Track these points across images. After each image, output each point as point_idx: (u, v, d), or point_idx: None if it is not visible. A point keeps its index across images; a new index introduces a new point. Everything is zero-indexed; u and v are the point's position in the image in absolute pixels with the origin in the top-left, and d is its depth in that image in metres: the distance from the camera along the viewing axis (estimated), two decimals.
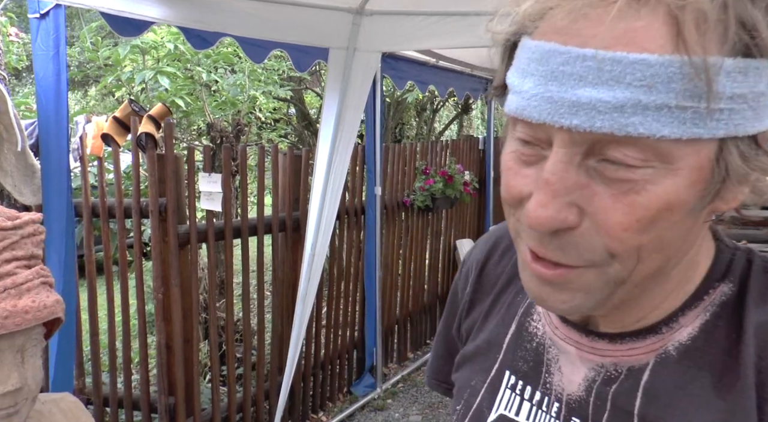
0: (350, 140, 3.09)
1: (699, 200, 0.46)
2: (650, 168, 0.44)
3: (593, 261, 0.48)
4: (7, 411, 0.89)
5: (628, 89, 0.42)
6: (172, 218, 2.70)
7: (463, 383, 0.73)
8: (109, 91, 6.69)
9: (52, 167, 1.90)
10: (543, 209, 0.46)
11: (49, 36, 1.79)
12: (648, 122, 0.43)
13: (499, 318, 0.71)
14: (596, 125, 0.43)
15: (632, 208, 0.45)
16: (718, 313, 0.54)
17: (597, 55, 0.43)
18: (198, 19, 2.25)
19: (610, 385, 0.57)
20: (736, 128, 0.44)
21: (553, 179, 0.46)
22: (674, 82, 0.42)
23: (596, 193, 0.46)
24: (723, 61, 0.42)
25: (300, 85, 6.71)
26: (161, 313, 2.74)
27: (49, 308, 0.93)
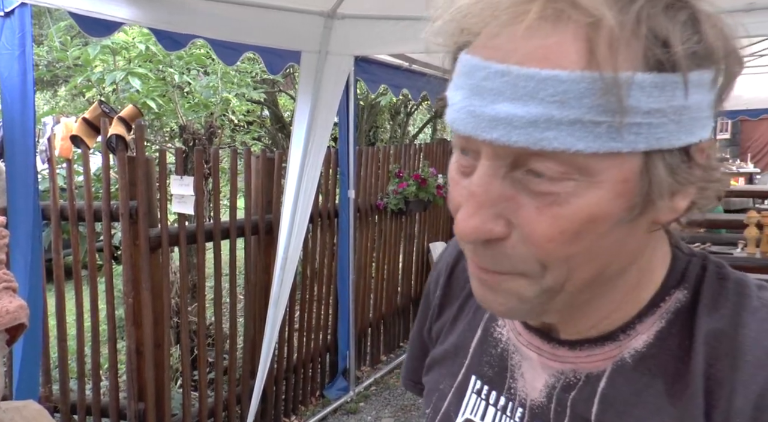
0: (323, 143, 3.09)
1: (626, 212, 0.47)
2: (572, 181, 0.45)
3: (525, 271, 0.49)
4: None
5: (542, 105, 0.43)
6: (143, 221, 2.67)
7: (432, 386, 0.73)
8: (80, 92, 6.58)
9: (17, 169, 1.87)
10: (469, 220, 0.47)
11: (15, 35, 1.76)
12: (562, 137, 0.43)
13: (467, 323, 0.71)
14: (512, 140, 0.44)
15: (556, 220, 0.46)
16: (672, 320, 0.54)
17: (512, 71, 0.44)
18: (168, 21, 2.23)
19: (569, 392, 0.57)
20: (659, 142, 0.44)
21: (478, 191, 0.47)
22: (586, 98, 0.42)
23: (522, 205, 0.47)
24: (635, 76, 0.42)
25: (273, 88, 6.68)
26: (131, 318, 2.71)
27: (11, 314, 0.91)
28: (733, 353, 0.50)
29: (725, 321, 0.52)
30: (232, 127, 6.25)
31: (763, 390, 0.48)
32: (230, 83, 4.92)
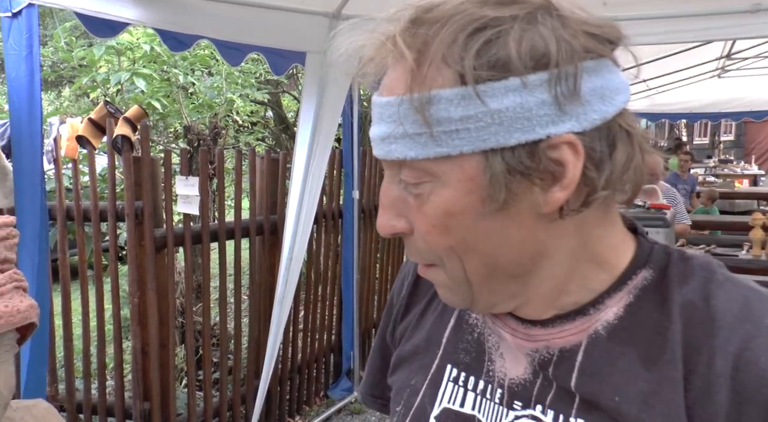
0: (327, 144, 3.09)
1: (482, 205, 0.54)
2: (428, 183, 0.55)
3: (432, 260, 0.59)
4: None
5: (387, 125, 0.55)
6: (149, 221, 2.68)
7: (401, 384, 0.74)
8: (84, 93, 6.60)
9: (24, 169, 1.88)
10: (379, 218, 0.60)
11: (22, 36, 1.77)
12: (399, 148, 0.54)
13: (436, 316, 0.74)
14: (377, 152, 0.57)
15: (425, 216, 0.56)
16: (640, 296, 0.59)
17: (376, 101, 0.56)
18: (173, 21, 2.23)
19: (547, 367, 0.61)
20: (485, 143, 0.51)
21: (382, 196, 0.59)
22: (409, 116, 0.53)
23: (410, 206, 0.57)
24: (436, 93, 0.51)
25: (277, 89, 6.69)
26: (137, 318, 2.72)
27: (22, 313, 0.92)
28: (706, 321, 0.55)
29: (696, 293, 0.57)
30: (236, 128, 6.26)
31: (739, 351, 0.53)
32: (234, 84, 4.93)
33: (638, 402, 0.55)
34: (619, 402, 0.55)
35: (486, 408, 0.64)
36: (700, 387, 0.53)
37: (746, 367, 0.52)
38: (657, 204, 2.56)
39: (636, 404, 0.55)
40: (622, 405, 0.55)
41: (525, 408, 0.61)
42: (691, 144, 14.88)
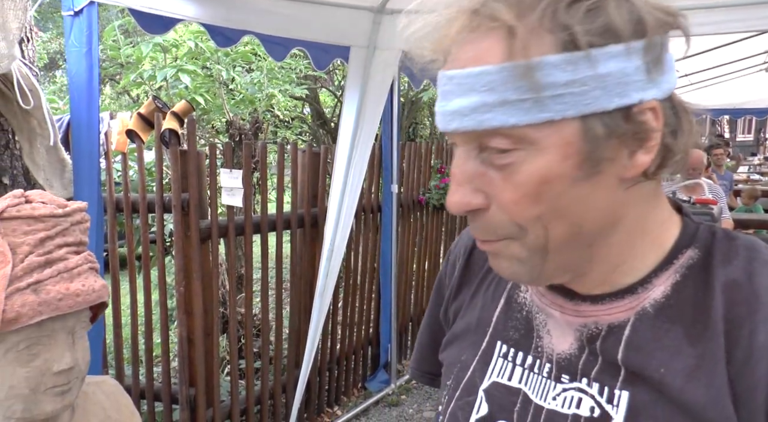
0: (370, 138, 3.12)
1: (576, 170, 0.55)
2: (521, 151, 0.55)
3: (508, 234, 0.59)
4: (62, 388, 0.93)
5: (478, 94, 0.55)
6: (195, 212, 2.75)
7: (452, 360, 0.78)
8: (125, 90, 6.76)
9: (83, 162, 1.95)
10: (452, 195, 0.59)
11: (83, 33, 1.84)
12: (497, 116, 0.54)
13: (488, 296, 0.77)
14: (464, 125, 0.56)
15: (516, 186, 0.56)
16: (686, 274, 0.61)
17: (457, 74, 0.56)
18: (225, 17, 2.29)
19: (594, 342, 0.63)
20: (588, 107, 0.53)
21: (456, 172, 0.59)
22: (509, 83, 0.54)
23: (492, 179, 0.58)
24: (545, 59, 0.53)
25: (315, 84, 6.75)
26: (183, 306, 2.79)
27: (97, 292, 0.97)
28: (749, 298, 0.57)
29: (739, 272, 0.59)
30: (275, 123, 6.34)
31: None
32: (275, 79, 5.00)
33: (683, 375, 0.57)
34: (664, 373, 0.58)
35: (533, 382, 0.67)
36: (741, 359, 0.55)
37: None
38: (703, 199, 2.53)
39: (680, 376, 0.57)
40: (666, 377, 0.58)
41: (572, 381, 0.64)
42: (734, 141, 14.50)
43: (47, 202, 0.98)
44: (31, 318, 0.87)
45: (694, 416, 0.56)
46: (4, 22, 1.47)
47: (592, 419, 0.61)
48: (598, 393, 0.61)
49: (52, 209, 0.96)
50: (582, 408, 0.62)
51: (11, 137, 1.90)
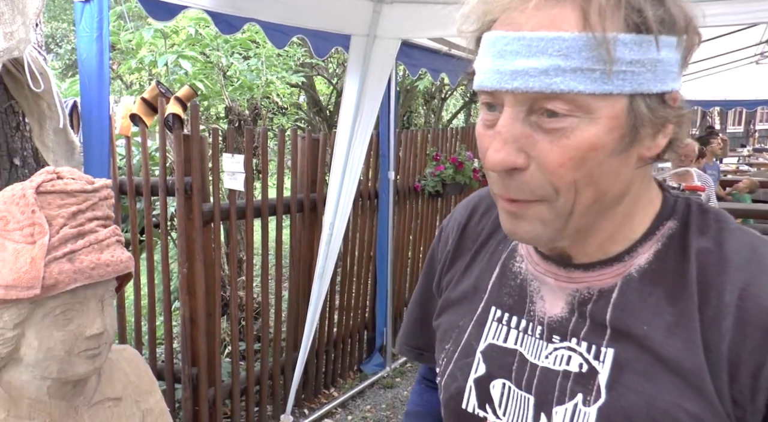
0: (369, 125, 3.18)
1: (619, 143, 0.61)
2: (576, 117, 0.59)
3: (543, 196, 0.63)
4: (93, 352, 1.00)
5: (551, 58, 0.58)
6: (197, 196, 2.81)
7: (449, 325, 0.84)
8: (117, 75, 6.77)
9: (93, 144, 2.00)
10: (496, 153, 0.61)
11: (93, 19, 1.89)
12: (566, 81, 0.58)
13: (483, 265, 0.83)
14: (529, 86, 0.59)
15: (564, 149, 0.60)
16: (667, 243, 0.69)
17: (526, 36, 0.59)
18: (232, 5, 2.34)
19: (586, 305, 0.70)
20: (640, 86, 0.59)
21: (503, 131, 0.61)
22: (584, 52, 0.57)
23: (538, 141, 0.61)
24: (619, 35, 0.57)
25: (312, 72, 6.79)
26: (185, 287, 2.86)
27: (124, 263, 1.04)
28: (718, 263, 0.65)
29: (711, 240, 0.67)
30: (272, 110, 6.38)
31: (744, 286, 0.62)
32: (273, 66, 5.04)
33: (663, 331, 0.64)
34: (647, 330, 0.65)
35: (527, 343, 0.74)
36: (711, 316, 0.63)
37: (750, 298, 0.61)
38: (692, 186, 2.61)
39: (661, 332, 0.64)
40: (649, 332, 0.65)
41: (562, 341, 0.70)
42: (724, 132, 14.63)
43: (77, 178, 1.04)
44: (67, 285, 0.94)
45: (672, 367, 0.63)
46: (23, 7, 1.52)
47: (581, 374, 0.68)
48: (586, 351, 0.68)
49: (82, 184, 1.02)
50: (571, 365, 0.69)
51: (22, 119, 1.95)
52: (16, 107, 1.96)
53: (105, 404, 1.12)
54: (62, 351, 0.97)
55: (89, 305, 0.99)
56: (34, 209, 0.95)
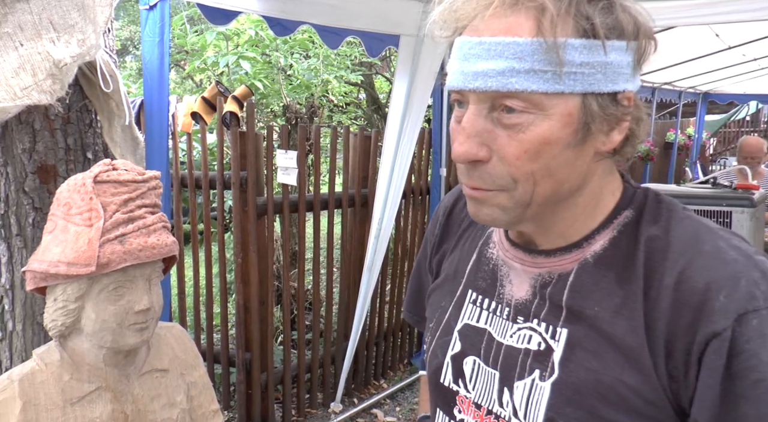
0: (417, 123, 3.25)
1: (572, 137, 0.67)
2: (531, 114, 0.66)
3: (502, 185, 0.69)
4: (141, 325, 1.12)
5: (507, 60, 0.64)
6: (252, 189, 2.95)
7: (434, 306, 0.92)
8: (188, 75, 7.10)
9: (154, 140, 2.16)
10: (460, 146, 0.68)
11: (156, 25, 2.04)
12: (521, 82, 0.64)
13: (464, 251, 0.90)
14: (488, 85, 0.65)
15: (521, 143, 0.66)
16: (622, 231, 0.74)
17: (486, 41, 0.65)
18: (281, 9, 2.47)
19: (546, 287, 0.76)
20: (591, 86, 0.66)
21: (467, 126, 0.68)
22: (536, 55, 0.64)
23: (498, 135, 0.67)
24: (568, 40, 0.64)
25: (370, 71, 6.90)
26: (240, 276, 3.02)
27: (169, 246, 1.15)
28: (663, 248, 0.70)
29: (660, 228, 0.72)
30: (331, 107, 6.53)
31: (682, 269, 0.67)
32: (330, 66, 5.18)
33: (611, 311, 0.70)
34: (597, 311, 0.71)
35: (495, 323, 0.80)
36: (653, 297, 0.68)
37: (685, 281, 0.67)
38: (744, 184, 2.55)
39: (610, 312, 0.70)
40: (599, 313, 0.71)
41: (525, 322, 0.77)
42: None
43: (129, 170, 1.17)
44: (118, 264, 1.06)
45: (617, 344, 0.69)
46: (94, 16, 1.68)
47: (539, 352, 0.74)
48: (544, 331, 0.75)
49: (133, 175, 1.15)
50: (532, 343, 0.75)
51: (94, 117, 2.13)
52: (90, 106, 2.14)
53: (153, 374, 1.25)
54: (114, 323, 1.10)
55: (138, 283, 1.12)
56: (92, 196, 1.08)
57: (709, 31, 4.37)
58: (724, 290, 0.64)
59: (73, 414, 1.11)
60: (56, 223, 1.11)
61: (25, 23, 1.43)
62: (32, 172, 1.88)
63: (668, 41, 4.82)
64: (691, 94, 7.80)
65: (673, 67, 5.91)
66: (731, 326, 0.63)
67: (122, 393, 1.18)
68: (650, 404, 0.67)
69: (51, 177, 1.92)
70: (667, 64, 5.83)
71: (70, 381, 1.13)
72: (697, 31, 4.34)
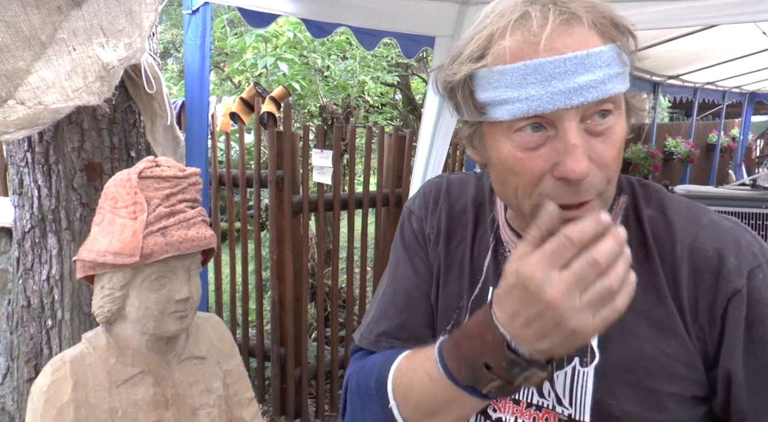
0: (451, 123, 3.27)
1: (627, 131, 0.74)
2: (614, 115, 0.70)
3: (600, 190, 0.72)
4: (181, 314, 1.19)
5: (602, 69, 0.68)
6: (288, 188, 3.03)
7: (447, 305, 0.89)
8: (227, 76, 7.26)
9: (194, 139, 2.25)
10: (579, 164, 0.67)
11: (198, 29, 2.13)
12: (617, 85, 0.69)
13: (476, 251, 0.90)
14: (594, 96, 0.67)
15: (614, 145, 0.71)
16: (625, 215, 0.81)
17: (578, 55, 0.66)
18: (319, 12, 2.53)
19: None
20: (626, 84, 0.72)
21: (578, 143, 0.67)
22: (615, 59, 0.69)
23: (594, 144, 0.69)
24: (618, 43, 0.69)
25: (407, 72, 6.94)
26: (275, 273, 3.09)
27: (207, 239, 1.22)
28: (666, 227, 0.78)
29: (655, 210, 0.80)
30: (367, 108, 6.59)
31: (691, 242, 0.76)
32: (367, 67, 5.25)
33: (639, 289, 0.71)
34: None
35: None
36: (669, 268, 0.76)
37: (697, 252, 0.75)
38: None
39: (638, 290, 0.71)
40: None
41: None
42: None
43: (171, 166, 1.24)
44: (160, 255, 1.13)
45: (650, 318, 0.75)
46: (140, 21, 1.76)
47: None
48: None
49: (175, 171, 1.22)
50: None
51: (137, 117, 2.22)
52: (134, 107, 2.23)
53: (192, 361, 1.32)
54: (156, 311, 1.17)
55: (178, 274, 1.18)
56: (137, 191, 1.15)
57: (756, 29, 4.28)
58: (732, 253, 0.74)
59: (118, 396, 1.18)
60: (104, 216, 1.18)
61: (77, 29, 1.51)
62: (80, 169, 1.98)
63: (711, 40, 4.74)
64: (736, 95, 7.62)
65: (716, 67, 5.80)
66: (745, 282, 0.72)
67: (163, 377, 1.25)
68: (689, 366, 0.73)
69: (97, 174, 2.02)
70: (709, 63, 5.72)
71: (115, 365, 1.21)
72: (742, 29, 4.26)
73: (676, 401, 0.74)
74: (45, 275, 1.97)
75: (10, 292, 2.26)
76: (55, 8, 1.48)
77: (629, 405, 0.74)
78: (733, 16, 2.57)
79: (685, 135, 7.49)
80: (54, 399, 1.14)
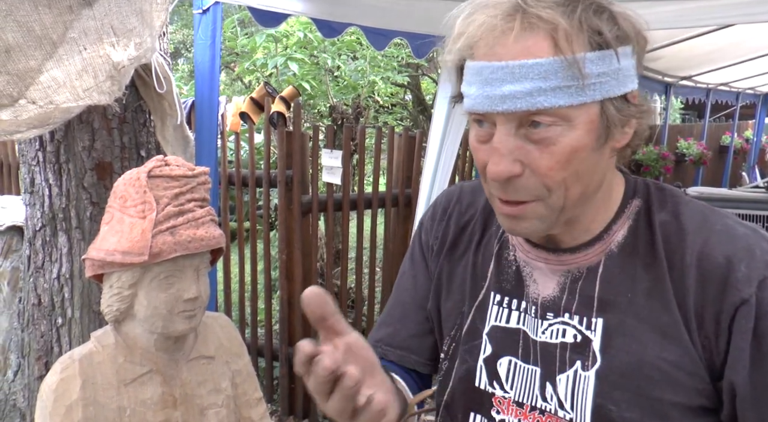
0: (461, 124, 3.26)
1: (596, 141, 0.71)
2: (558, 126, 0.69)
3: (537, 196, 0.72)
4: (189, 313, 1.19)
5: (532, 81, 0.67)
6: (297, 187, 3.03)
7: (450, 311, 0.91)
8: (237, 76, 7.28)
9: (204, 138, 2.25)
10: (496, 166, 0.70)
11: (208, 28, 2.13)
12: (548, 99, 0.68)
13: (479, 258, 0.91)
14: (517, 106, 0.68)
15: (552, 155, 0.70)
16: (636, 219, 0.80)
17: (509, 65, 0.68)
18: (329, 11, 2.53)
19: (577, 282, 0.80)
20: (608, 92, 0.70)
21: (499, 146, 0.71)
22: (559, 73, 0.67)
23: (529, 150, 0.70)
24: (586, 54, 0.67)
25: (417, 72, 6.93)
26: (284, 272, 3.09)
27: (216, 239, 1.21)
28: (678, 231, 0.76)
29: (669, 214, 0.78)
30: (377, 108, 6.59)
31: (701, 248, 0.74)
32: (377, 67, 5.24)
33: (644, 294, 0.75)
34: (630, 297, 0.76)
35: (528, 322, 0.83)
36: (677, 276, 0.74)
37: (706, 258, 0.73)
38: None
39: (642, 296, 0.75)
40: (632, 299, 0.76)
41: (556, 317, 0.80)
42: None
43: (180, 165, 1.23)
44: (168, 254, 1.13)
45: (653, 325, 0.74)
46: (151, 21, 1.77)
47: (576, 343, 0.78)
48: (578, 323, 0.78)
49: (184, 170, 1.21)
50: (567, 337, 0.78)
51: (148, 117, 2.23)
52: (144, 106, 2.24)
53: (200, 360, 1.31)
54: (165, 310, 1.17)
55: (187, 273, 1.18)
56: (146, 190, 1.15)
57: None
58: (743, 261, 0.71)
59: (127, 395, 1.18)
60: (113, 214, 1.18)
61: (88, 29, 1.52)
62: (90, 168, 1.99)
63: (724, 40, 4.69)
64: (750, 96, 7.56)
65: (730, 68, 5.75)
66: (755, 292, 0.70)
67: (171, 377, 1.24)
68: (692, 375, 0.72)
69: (107, 173, 2.03)
70: (723, 64, 5.67)
71: (124, 363, 1.20)
72: (757, 29, 4.21)
73: (679, 410, 0.72)
74: (55, 274, 1.98)
75: (21, 290, 2.27)
76: (66, 8, 1.49)
77: (630, 412, 0.73)
78: (748, 15, 2.53)
79: (697, 137, 7.44)
80: (63, 397, 1.14)
